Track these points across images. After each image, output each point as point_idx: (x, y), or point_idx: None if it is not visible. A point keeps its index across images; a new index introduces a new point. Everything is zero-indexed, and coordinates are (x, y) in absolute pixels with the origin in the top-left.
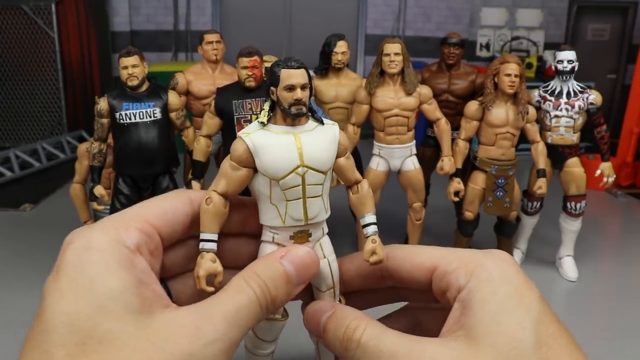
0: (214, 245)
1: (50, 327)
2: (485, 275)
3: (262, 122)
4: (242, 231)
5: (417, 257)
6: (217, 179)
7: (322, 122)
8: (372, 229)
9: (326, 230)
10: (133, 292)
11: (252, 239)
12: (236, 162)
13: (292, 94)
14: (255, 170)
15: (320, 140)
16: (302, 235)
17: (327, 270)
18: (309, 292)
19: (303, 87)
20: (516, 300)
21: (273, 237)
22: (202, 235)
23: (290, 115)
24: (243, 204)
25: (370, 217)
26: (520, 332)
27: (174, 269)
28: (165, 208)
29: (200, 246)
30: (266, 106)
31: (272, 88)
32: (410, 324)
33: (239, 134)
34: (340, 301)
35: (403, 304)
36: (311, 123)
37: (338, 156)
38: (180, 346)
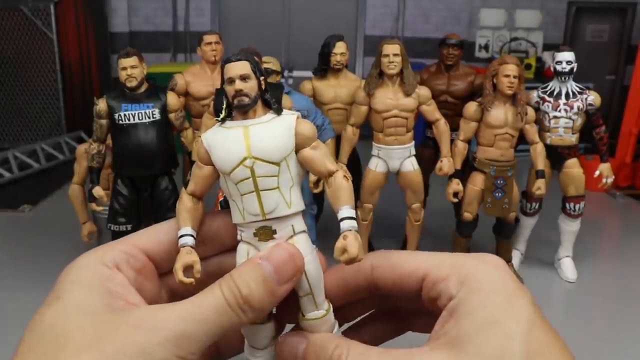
0: (188, 239)
1: (25, 333)
2: (475, 284)
3: (218, 120)
4: (222, 248)
5: (405, 266)
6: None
7: (279, 114)
8: (347, 224)
9: (300, 228)
10: (100, 300)
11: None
12: (199, 160)
13: (232, 87)
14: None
15: (271, 130)
16: (264, 231)
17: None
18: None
19: (242, 78)
20: (505, 310)
21: (241, 235)
22: (178, 233)
23: (235, 107)
24: (222, 218)
25: (344, 211)
26: (508, 342)
27: (186, 294)
28: (158, 231)
29: (178, 243)
30: (224, 104)
31: (223, 86)
32: (395, 327)
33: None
34: (326, 310)
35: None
36: (268, 115)
37: (300, 147)
38: (127, 337)
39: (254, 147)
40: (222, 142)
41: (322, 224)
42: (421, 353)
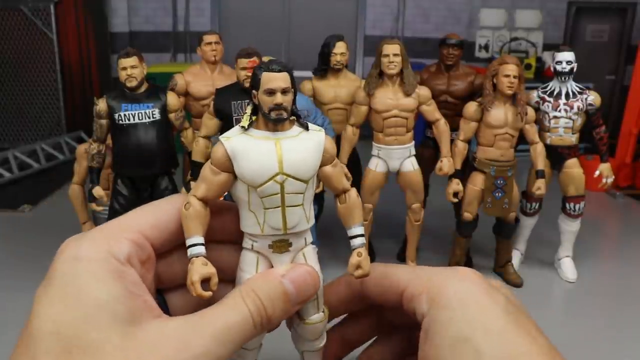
0: (202, 249)
1: (37, 334)
2: (444, 301)
3: (242, 127)
4: (223, 238)
5: (387, 280)
6: (197, 182)
7: (307, 128)
8: (359, 241)
9: (310, 239)
10: (121, 303)
11: (234, 246)
12: (216, 166)
13: (271, 99)
14: (235, 175)
15: (303, 148)
16: (281, 244)
17: None
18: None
19: (284, 92)
20: (475, 323)
21: (252, 245)
22: (188, 241)
23: (270, 120)
24: (223, 210)
25: (358, 229)
26: (476, 359)
27: (173, 280)
28: (158, 215)
29: (189, 253)
30: (248, 110)
31: (253, 91)
32: (402, 349)
33: (219, 137)
34: (323, 312)
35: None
36: (295, 129)
37: (324, 164)
38: (165, 358)
39: (287, 163)
40: (252, 153)
41: (322, 224)
42: None
